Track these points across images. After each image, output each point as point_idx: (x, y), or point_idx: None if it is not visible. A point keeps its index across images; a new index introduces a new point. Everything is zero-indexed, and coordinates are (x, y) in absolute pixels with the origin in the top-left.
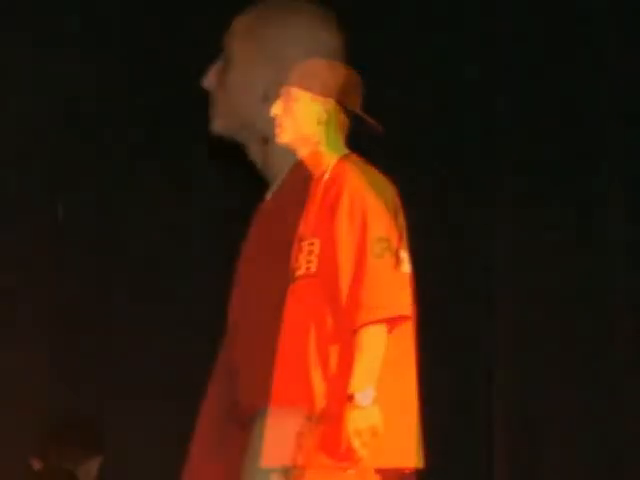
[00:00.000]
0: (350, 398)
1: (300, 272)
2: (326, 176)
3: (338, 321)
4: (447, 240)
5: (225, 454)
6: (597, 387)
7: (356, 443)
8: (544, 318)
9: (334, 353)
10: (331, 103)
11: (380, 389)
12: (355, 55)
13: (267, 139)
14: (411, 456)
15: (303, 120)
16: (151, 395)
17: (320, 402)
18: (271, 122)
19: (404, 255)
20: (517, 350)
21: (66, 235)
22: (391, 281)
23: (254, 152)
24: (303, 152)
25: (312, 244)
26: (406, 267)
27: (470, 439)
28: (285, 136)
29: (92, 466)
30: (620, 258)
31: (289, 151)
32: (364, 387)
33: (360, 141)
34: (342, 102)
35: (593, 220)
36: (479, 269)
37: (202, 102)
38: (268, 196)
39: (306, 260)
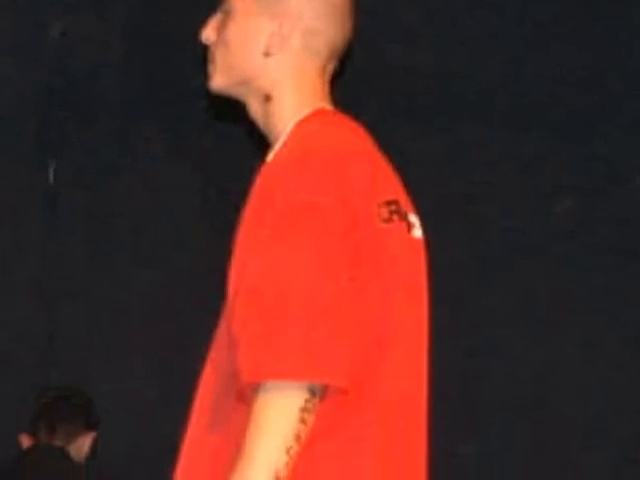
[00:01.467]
0: None
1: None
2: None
3: None
4: None
5: (225, 427)
6: None
7: None
8: None
9: None
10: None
11: None
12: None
13: (269, 96)
14: None
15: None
16: (145, 364)
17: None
18: (274, 78)
19: (414, 219)
20: None
21: (57, 198)
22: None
23: (255, 111)
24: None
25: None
26: (417, 232)
27: None
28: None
29: (84, 443)
30: None
31: (294, 109)
32: None
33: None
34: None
35: None
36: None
37: (200, 58)
38: (269, 158)
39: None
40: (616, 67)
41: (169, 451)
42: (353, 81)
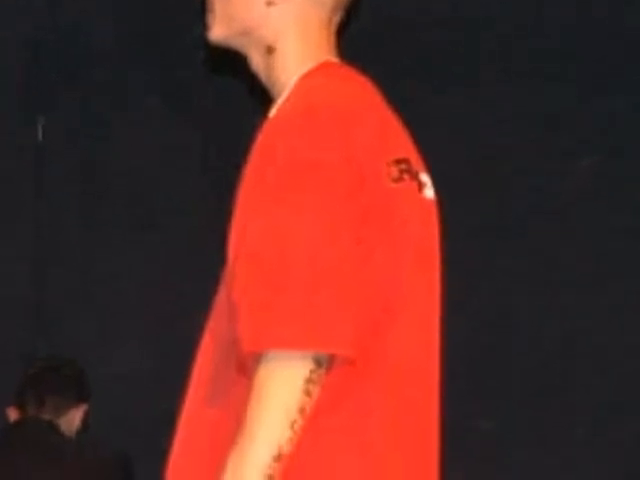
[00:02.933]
0: None
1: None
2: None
3: None
4: None
5: (225, 400)
6: None
7: None
8: None
9: None
10: None
11: None
12: None
13: (271, 48)
14: None
15: None
16: (140, 333)
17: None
18: (276, 29)
19: (425, 179)
20: None
21: (47, 158)
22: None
23: (257, 63)
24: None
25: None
26: (429, 192)
27: None
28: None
29: (75, 416)
30: None
31: (298, 61)
32: None
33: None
34: None
35: None
36: None
37: (198, 7)
38: (271, 113)
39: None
40: None
41: (165, 425)
42: (360, 34)
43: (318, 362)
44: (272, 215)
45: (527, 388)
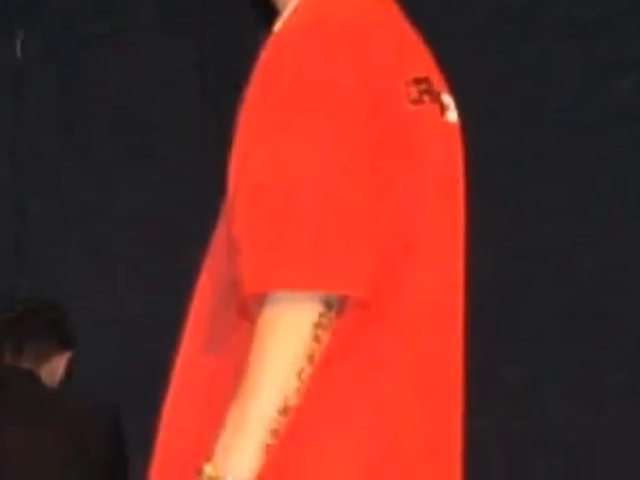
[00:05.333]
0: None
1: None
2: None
3: None
4: None
5: (224, 347)
6: None
7: None
8: None
9: None
10: None
11: None
12: None
13: None
14: None
15: None
16: (129, 272)
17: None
18: None
19: (448, 100)
20: None
21: (26, 76)
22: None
23: None
24: None
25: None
26: (452, 115)
27: None
28: None
29: (58, 364)
30: None
31: None
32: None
33: None
34: None
35: None
36: None
37: None
38: (277, 28)
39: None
40: None
41: (158, 375)
42: None
43: (328, 305)
44: (277, 141)
45: (558, 329)
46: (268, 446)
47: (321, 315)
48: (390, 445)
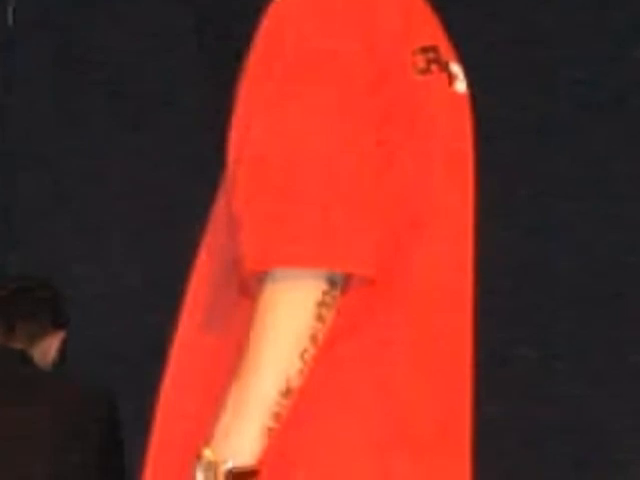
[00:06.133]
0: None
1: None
2: None
3: None
4: None
5: (225, 326)
6: None
7: None
8: None
9: None
10: None
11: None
12: None
13: None
14: None
15: None
16: (125, 246)
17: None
18: None
19: (456, 69)
20: None
21: (18, 44)
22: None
23: None
24: None
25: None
26: (461, 85)
27: None
28: None
29: (51, 344)
30: None
31: None
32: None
33: None
34: None
35: None
36: None
37: None
38: None
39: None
40: None
41: (155, 353)
42: None
43: (332, 282)
44: (279, 112)
45: (574, 310)
46: (270, 430)
47: (325, 293)
48: (397, 428)
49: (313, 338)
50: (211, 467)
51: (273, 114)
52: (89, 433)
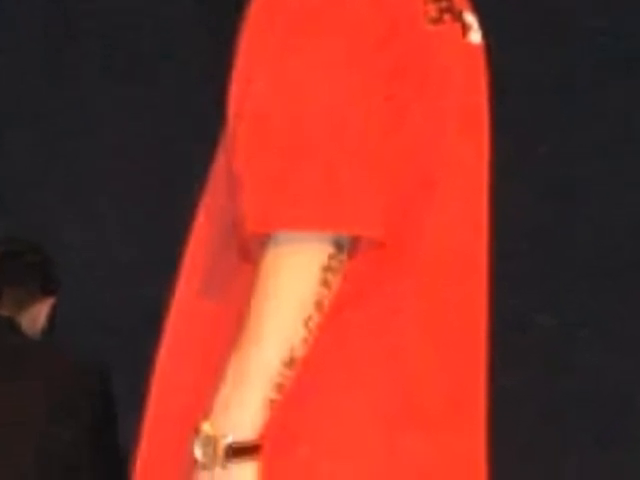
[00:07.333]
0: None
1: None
2: None
3: None
4: None
5: (224, 292)
6: None
7: None
8: None
9: None
10: None
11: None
12: None
13: None
14: None
15: None
16: (119, 210)
17: None
18: None
19: (471, 19)
20: None
21: None
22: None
23: None
24: None
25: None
26: (475, 36)
27: None
28: None
29: (40, 312)
30: None
31: None
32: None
33: None
34: None
35: None
36: None
37: None
38: None
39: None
40: None
41: (150, 322)
42: None
43: (338, 246)
44: (282, 66)
45: (594, 274)
46: (272, 402)
47: (330, 257)
48: (406, 401)
49: (318, 305)
50: (210, 442)
51: (276, 67)
52: (80, 408)
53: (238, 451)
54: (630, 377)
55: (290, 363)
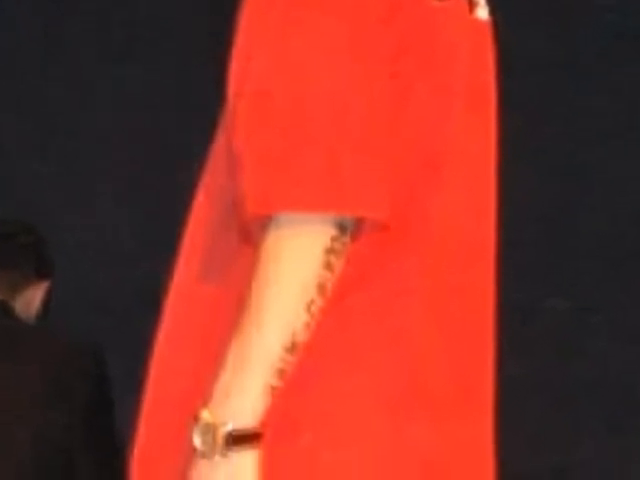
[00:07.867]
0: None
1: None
2: None
3: None
4: None
5: (224, 274)
6: None
7: None
8: None
9: None
10: None
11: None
12: None
13: None
14: None
15: None
16: (116, 191)
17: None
18: None
19: None
20: None
21: None
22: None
23: None
24: None
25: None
26: (482, 12)
27: None
28: None
29: (34, 296)
30: None
31: None
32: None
33: None
34: None
35: None
36: None
37: None
38: None
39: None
40: None
41: (148, 305)
42: None
43: (342, 228)
44: (284, 43)
45: (606, 258)
46: (274, 388)
47: (333, 239)
48: (411, 386)
49: (321, 288)
50: (209, 430)
51: (277, 44)
52: (75, 391)
53: (238, 439)
54: (637, 366)
55: (292, 348)
